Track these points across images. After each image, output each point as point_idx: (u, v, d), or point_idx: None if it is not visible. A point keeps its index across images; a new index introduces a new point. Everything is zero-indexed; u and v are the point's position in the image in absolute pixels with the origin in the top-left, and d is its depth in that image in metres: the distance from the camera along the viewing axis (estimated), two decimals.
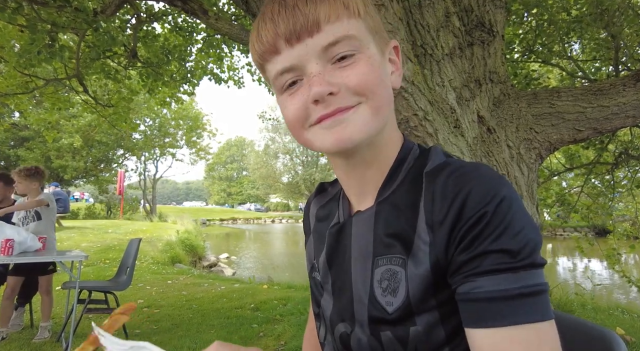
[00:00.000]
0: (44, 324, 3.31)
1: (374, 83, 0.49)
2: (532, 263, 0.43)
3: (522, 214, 0.45)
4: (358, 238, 0.56)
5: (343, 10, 0.49)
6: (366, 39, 0.51)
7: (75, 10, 3.30)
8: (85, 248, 8.73)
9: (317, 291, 0.63)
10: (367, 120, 0.49)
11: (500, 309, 0.42)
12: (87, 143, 18.58)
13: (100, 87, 6.23)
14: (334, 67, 0.49)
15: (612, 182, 4.46)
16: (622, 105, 2.43)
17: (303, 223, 0.75)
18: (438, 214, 0.47)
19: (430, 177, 0.51)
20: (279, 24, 0.48)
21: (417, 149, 0.57)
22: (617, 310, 4.07)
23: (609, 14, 3.37)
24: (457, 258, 0.45)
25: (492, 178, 0.47)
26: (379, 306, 0.51)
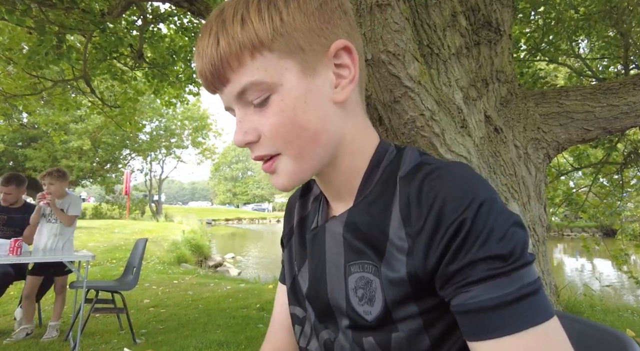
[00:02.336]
0: (52, 323, 3.34)
1: (285, 133, 0.46)
2: (523, 263, 0.42)
3: (503, 214, 0.43)
4: (331, 245, 0.54)
5: (242, 52, 0.45)
6: (277, 73, 0.45)
7: (82, 12, 3.33)
8: (92, 248, 8.80)
9: (300, 295, 0.61)
10: (291, 169, 0.49)
11: (501, 316, 0.40)
12: (93, 144, 18.75)
13: (107, 88, 6.28)
14: (253, 110, 0.48)
15: (620, 181, 4.41)
16: (632, 104, 2.40)
17: (284, 222, 0.71)
18: (415, 223, 0.45)
19: (404, 181, 0.49)
20: (200, 75, 0.49)
21: (393, 150, 0.54)
22: (626, 311, 4.02)
23: (618, 12, 3.33)
24: (445, 270, 0.43)
25: (468, 180, 0.44)
26: (358, 315, 0.50)
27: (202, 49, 0.47)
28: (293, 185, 0.50)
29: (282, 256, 0.70)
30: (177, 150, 25.39)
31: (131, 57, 4.97)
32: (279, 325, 0.69)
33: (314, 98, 0.47)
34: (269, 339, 0.69)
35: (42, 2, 3.19)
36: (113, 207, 22.33)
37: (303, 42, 0.46)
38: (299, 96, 0.46)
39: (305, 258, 0.60)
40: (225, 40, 0.45)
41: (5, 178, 3.48)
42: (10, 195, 3.45)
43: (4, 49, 4.19)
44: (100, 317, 3.95)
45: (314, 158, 0.49)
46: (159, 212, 24.14)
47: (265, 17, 0.44)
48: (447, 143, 2.12)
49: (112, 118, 5.93)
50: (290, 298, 0.63)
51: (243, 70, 0.45)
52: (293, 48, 0.46)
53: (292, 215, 0.68)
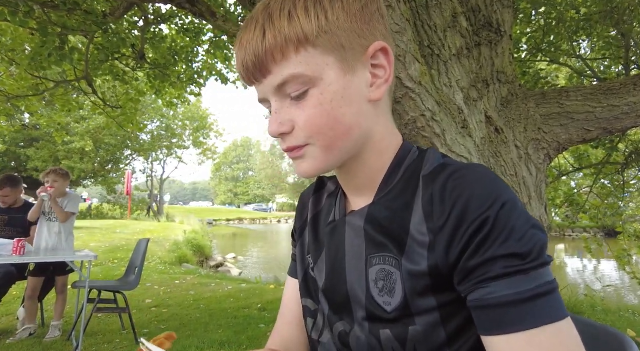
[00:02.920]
0: (55, 323, 3.36)
1: (320, 125, 0.49)
2: (541, 263, 0.43)
3: (524, 216, 0.45)
4: (352, 238, 0.56)
5: (288, 46, 0.47)
6: (319, 68, 0.48)
7: (85, 13, 3.34)
8: (94, 248, 8.83)
9: (313, 289, 0.62)
10: (318, 158, 0.51)
11: (517, 313, 0.41)
12: (95, 144, 18.80)
13: (109, 89, 6.30)
14: (290, 102, 0.50)
15: (622, 182, 4.41)
16: (632, 104, 2.41)
17: (296, 217, 0.73)
18: (438, 219, 0.47)
19: (427, 179, 0.51)
20: (239, 64, 0.51)
21: (416, 151, 0.57)
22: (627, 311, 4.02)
23: (619, 12, 3.33)
24: (465, 265, 0.45)
25: (492, 181, 0.46)
26: (378, 306, 0.51)
27: (247, 40, 0.49)
28: (316, 173, 0.52)
29: (293, 250, 0.72)
30: (178, 150, 25.44)
31: (133, 58, 4.99)
32: (288, 318, 0.70)
33: (350, 95, 0.50)
34: (278, 330, 0.70)
35: (44, 3, 3.21)
36: (114, 208, 22.37)
37: (345, 41, 0.48)
38: (338, 91, 0.49)
39: (321, 251, 0.61)
40: (272, 33, 0.47)
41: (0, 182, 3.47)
42: (8, 197, 3.47)
43: (6, 50, 4.21)
44: (102, 317, 3.97)
45: (342, 151, 0.51)
46: (161, 213, 24.18)
47: (311, 14, 0.47)
48: (448, 144, 2.13)
49: (114, 118, 5.96)
50: (302, 291, 0.65)
51: (286, 63, 0.47)
52: (335, 46, 0.48)
53: (305, 210, 0.69)
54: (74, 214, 3.49)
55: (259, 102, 0.54)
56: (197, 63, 5.97)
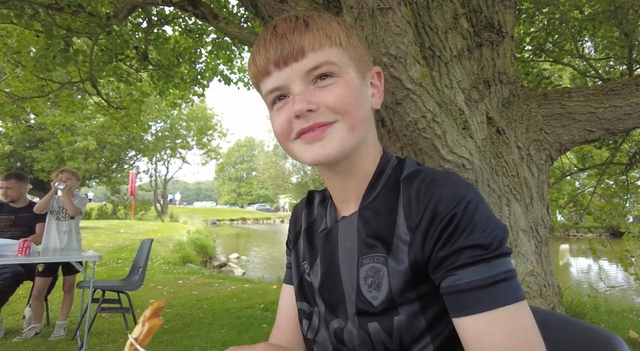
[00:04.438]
0: (60, 322, 3.39)
1: (349, 102, 0.55)
2: (502, 252, 0.50)
3: (487, 213, 0.52)
4: (344, 241, 0.62)
5: (325, 40, 0.56)
6: (346, 65, 0.57)
7: (89, 15, 3.37)
8: (98, 248, 8.89)
9: (308, 292, 0.68)
10: (344, 137, 0.56)
11: (480, 296, 0.48)
12: (99, 144, 18.90)
13: (113, 90, 6.34)
14: (314, 87, 0.56)
15: (626, 182, 4.38)
16: (635, 105, 2.40)
17: (290, 228, 0.79)
18: (415, 218, 0.54)
19: (405, 183, 0.58)
20: (269, 50, 0.56)
21: (394, 160, 0.64)
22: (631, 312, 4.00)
23: (622, 12, 3.31)
24: (436, 255, 0.52)
25: (459, 184, 0.53)
26: (366, 301, 0.57)
27: (286, 28, 0.56)
28: (339, 153, 0.56)
29: (288, 259, 0.77)
30: (182, 150, 25.53)
31: (136, 59, 5.02)
32: (284, 322, 0.74)
33: (364, 95, 0.59)
34: (275, 335, 0.75)
35: (49, 6, 3.24)
36: (118, 208, 22.50)
37: (360, 56, 0.60)
38: (358, 87, 0.58)
39: (316, 256, 0.67)
40: (314, 26, 0.56)
41: (5, 174, 3.55)
42: (11, 189, 3.48)
43: (12, 52, 4.25)
44: (106, 317, 4.00)
45: (359, 136, 0.58)
46: (164, 212, 24.28)
47: (342, 28, 0.59)
48: (449, 145, 2.13)
49: (118, 119, 6.00)
50: (297, 295, 0.70)
51: (321, 52, 0.55)
52: (355, 57, 0.59)
53: (298, 222, 0.76)
54: (81, 213, 3.55)
55: (271, 91, 0.58)
56: (200, 64, 6.00)
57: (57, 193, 3.37)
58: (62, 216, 3.48)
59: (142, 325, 0.54)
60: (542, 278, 2.34)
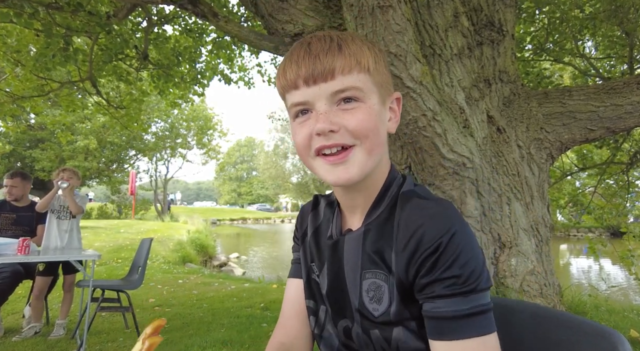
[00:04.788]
0: (60, 321, 3.39)
1: (368, 128, 0.59)
2: (477, 287, 0.54)
3: (470, 246, 0.55)
4: (349, 254, 0.66)
5: (355, 66, 0.59)
6: (370, 91, 0.60)
7: (88, 14, 3.37)
8: (98, 247, 8.89)
9: (316, 290, 0.73)
10: (362, 161, 0.60)
11: (455, 326, 0.53)
12: (99, 143, 18.91)
13: (113, 89, 6.34)
14: (338, 109, 0.59)
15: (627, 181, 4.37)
16: (636, 104, 2.39)
17: (297, 225, 0.83)
18: (401, 241, 0.58)
19: (400, 204, 0.62)
20: (301, 67, 0.59)
21: (400, 178, 0.68)
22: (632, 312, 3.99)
23: (623, 11, 3.31)
24: (419, 281, 0.56)
25: (448, 215, 0.57)
26: (368, 311, 0.62)
27: (320, 48, 0.59)
28: (360, 176, 0.60)
29: (295, 254, 0.83)
30: (182, 150, 25.52)
31: (136, 59, 5.02)
32: (290, 313, 0.79)
33: (383, 120, 0.63)
34: (281, 325, 0.79)
35: (49, 5, 3.24)
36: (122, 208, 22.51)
37: (384, 82, 0.64)
38: (378, 113, 0.61)
39: (324, 262, 0.71)
40: (347, 50, 0.59)
41: (10, 173, 3.57)
42: (16, 187, 3.50)
43: (12, 51, 4.25)
44: (106, 316, 3.99)
45: (375, 159, 0.62)
46: (165, 212, 24.29)
47: (371, 53, 0.62)
48: (449, 144, 2.13)
49: (118, 119, 6.00)
50: (306, 293, 0.75)
51: (349, 76, 0.59)
52: (379, 83, 0.62)
53: (304, 222, 0.81)
54: (83, 211, 3.56)
55: (296, 105, 0.62)
56: (200, 63, 5.99)
57: (59, 192, 3.37)
58: (63, 215, 3.48)
59: (142, 342, 0.53)
60: (543, 277, 2.33)
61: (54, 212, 3.45)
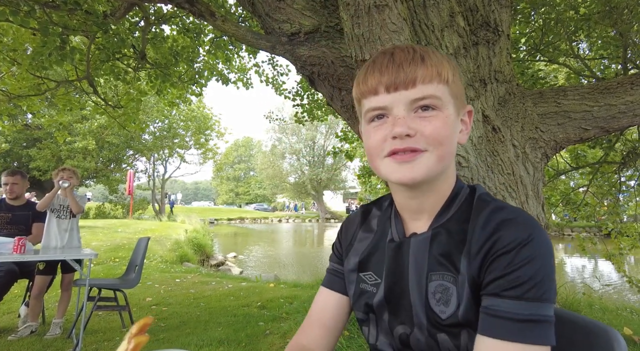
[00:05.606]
0: (56, 320, 3.38)
1: (444, 136, 0.61)
2: (542, 296, 0.54)
3: (546, 255, 0.56)
4: (415, 256, 0.66)
5: (436, 76, 0.62)
6: (447, 101, 0.63)
7: (85, 13, 3.36)
8: (96, 247, 8.86)
9: (365, 300, 0.72)
10: (431, 165, 0.61)
11: (512, 327, 0.53)
12: (97, 143, 18.84)
13: (110, 89, 6.33)
14: (415, 115, 0.62)
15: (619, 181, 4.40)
16: (629, 103, 2.41)
17: (341, 237, 0.84)
18: (476, 244, 0.59)
19: (477, 208, 0.64)
20: (384, 74, 0.62)
21: (466, 188, 0.71)
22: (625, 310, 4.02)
23: (617, 12, 3.33)
24: (488, 276, 0.57)
25: (529, 221, 0.59)
26: (434, 314, 0.62)
27: (403, 58, 0.62)
28: (424, 178, 0.62)
29: (333, 265, 0.83)
30: (180, 150, 25.45)
31: (134, 58, 5.01)
32: (314, 321, 0.79)
33: (456, 130, 0.66)
34: (304, 331, 0.79)
35: (45, 3, 3.23)
36: (116, 207, 22.42)
37: (459, 94, 0.67)
38: (453, 123, 0.64)
39: (382, 267, 0.71)
40: (429, 62, 0.62)
41: (10, 171, 3.59)
42: (17, 185, 3.53)
43: (8, 50, 4.23)
44: (102, 315, 3.99)
45: (444, 166, 0.64)
46: (162, 212, 24.22)
47: (451, 68, 0.65)
48: None
49: (116, 118, 5.98)
50: (355, 305, 0.75)
51: (430, 85, 0.62)
52: (454, 94, 0.65)
53: (349, 230, 0.82)
54: (83, 210, 3.58)
55: (373, 109, 0.64)
56: (198, 63, 5.99)
57: (59, 192, 3.39)
58: (63, 214, 3.48)
59: (128, 342, 0.53)
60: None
61: (53, 212, 3.45)
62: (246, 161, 60.21)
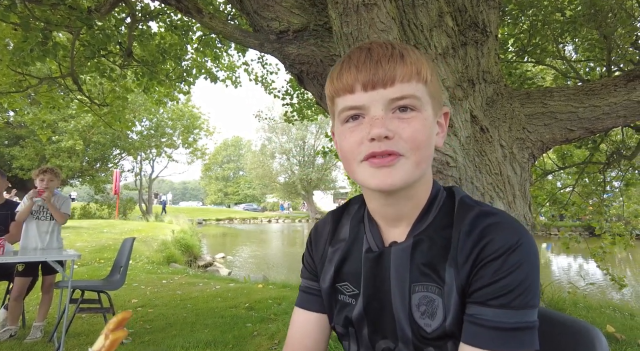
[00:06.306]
0: (37, 324, 3.29)
1: (422, 140, 0.58)
2: (528, 303, 0.53)
3: (533, 260, 0.54)
4: (396, 267, 0.63)
5: (415, 75, 0.59)
6: (426, 101, 0.60)
7: (69, 8, 3.28)
8: (80, 247, 8.68)
9: (344, 313, 0.68)
10: (409, 171, 0.58)
11: (494, 336, 0.52)
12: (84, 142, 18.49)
13: (95, 86, 6.20)
14: (393, 116, 0.58)
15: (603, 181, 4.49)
16: (613, 105, 2.45)
17: (311, 249, 0.78)
18: (463, 250, 0.57)
19: (459, 213, 0.61)
20: (361, 71, 0.58)
21: (443, 190, 0.68)
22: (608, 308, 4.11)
23: (602, 15, 3.39)
24: (473, 285, 0.56)
25: (516, 225, 0.57)
26: (419, 327, 0.59)
27: (381, 54, 0.58)
28: (403, 184, 0.59)
29: (305, 282, 0.77)
30: (168, 149, 25.14)
31: (120, 55, 4.91)
32: (298, 348, 0.72)
33: (433, 133, 0.62)
34: None
35: None
36: (102, 207, 22.03)
37: (436, 95, 0.63)
38: (431, 124, 0.61)
39: (360, 278, 0.67)
40: (409, 59, 0.59)
41: None
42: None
43: None
44: (86, 317, 3.90)
45: (421, 171, 0.60)
46: (149, 212, 23.90)
47: (430, 66, 0.61)
48: None
49: (101, 116, 5.86)
50: (334, 318, 0.70)
51: (408, 84, 0.58)
52: (433, 94, 0.62)
53: (320, 241, 0.76)
54: (68, 216, 3.49)
55: (348, 108, 0.60)
56: (186, 61, 5.91)
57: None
58: (42, 215, 3.38)
59: (105, 337, 0.50)
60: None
61: (32, 213, 3.36)
62: (235, 161, 59.83)
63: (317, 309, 0.73)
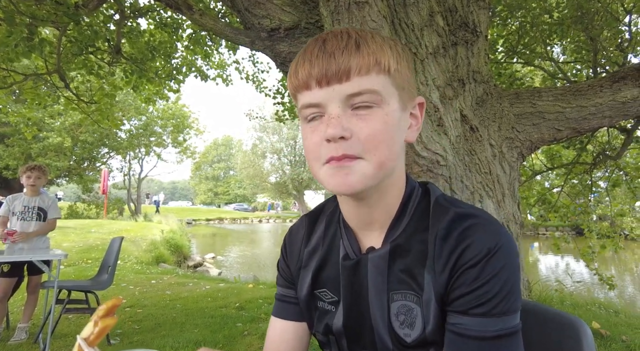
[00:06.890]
0: (21, 325, 3.22)
1: (382, 140, 0.53)
2: (510, 308, 0.52)
3: (513, 263, 0.53)
4: (374, 275, 0.60)
5: (374, 66, 0.53)
6: (389, 94, 0.55)
7: (55, 3, 3.22)
8: (67, 248, 8.54)
9: (325, 321, 0.65)
10: (368, 174, 0.53)
11: (479, 346, 0.51)
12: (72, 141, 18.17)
13: (83, 83, 6.10)
14: (352, 113, 0.53)
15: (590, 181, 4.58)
16: (599, 105, 2.50)
17: (287, 254, 0.74)
18: (440, 256, 0.55)
19: (435, 216, 0.58)
20: (314, 66, 0.53)
21: (419, 188, 0.64)
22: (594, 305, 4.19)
23: (588, 17, 3.45)
24: (452, 293, 0.53)
25: (494, 227, 0.54)
26: (398, 337, 0.57)
27: (336, 46, 0.53)
28: (362, 188, 0.54)
29: (281, 289, 0.73)
30: (157, 148, 24.88)
31: (108, 52, 4.84)
32: None
33: (401, 128, 0.57)
34: None
35: None
36: (90, 207, 21.69)
37: (405, 84, 0.57)
38: (396, 119, 0.55)
39: (338, 286, 0.64)
40: (366, 50, 0.53)
41: None
42: None
43: None
44: (73, 318, 3.84)
45: (385, 173, 0.56)
46: (138, 212, 23.61)
47: (393, 53, 0.55)
48: (424, 141, 2.15)
49: (89, 114, 5.77)
50: (315, 325, 0.68)
51: (367, 78, 0.53)
52: (400, 84, 0.56)
53: (294, 246, 0.72)
54: (59, 217, 3.45)
55: (306, 106, 0.56)
56: (176, 59, 5.85)
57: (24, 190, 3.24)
58: (28, 216, 3.31)
59: (95, 324, 0.48)
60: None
61: (15, 214, 3.28)
62: (226, 160, 59.44)
63: (294, 318, 0.70)
